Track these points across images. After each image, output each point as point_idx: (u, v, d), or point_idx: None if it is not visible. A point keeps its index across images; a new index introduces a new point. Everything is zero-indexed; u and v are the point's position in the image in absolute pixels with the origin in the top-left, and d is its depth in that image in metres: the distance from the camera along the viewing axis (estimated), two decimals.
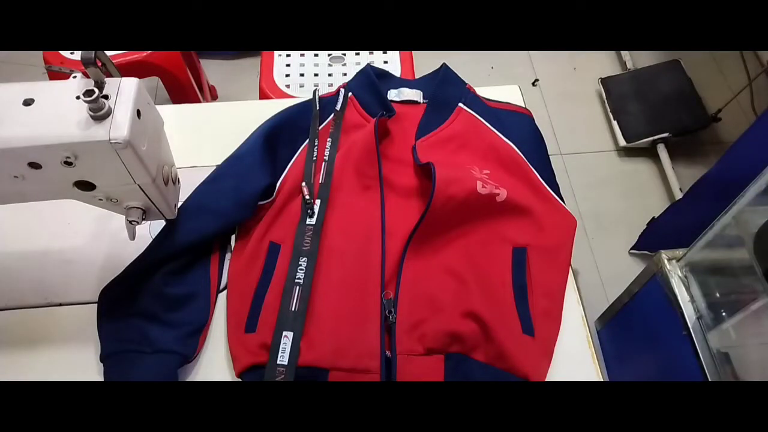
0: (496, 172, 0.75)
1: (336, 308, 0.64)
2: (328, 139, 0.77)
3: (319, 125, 0.79)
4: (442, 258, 0.69)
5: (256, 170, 0.72)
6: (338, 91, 0.83)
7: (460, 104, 0.81)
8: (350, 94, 0.82)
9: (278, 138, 0.76)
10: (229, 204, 0.69)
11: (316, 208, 0.70)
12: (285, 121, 0.78)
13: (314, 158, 0.75)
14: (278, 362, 0.60)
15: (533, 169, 0.76)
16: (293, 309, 0.63)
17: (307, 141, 0.77)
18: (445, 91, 0.82)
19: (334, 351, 0.61)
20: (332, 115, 0.80)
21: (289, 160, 0.76)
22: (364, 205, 0.72)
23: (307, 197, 0.71)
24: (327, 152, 0.75)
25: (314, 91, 0.82)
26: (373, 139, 0.74)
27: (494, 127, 0.80)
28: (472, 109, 0.81)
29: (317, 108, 0.80)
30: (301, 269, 0.66)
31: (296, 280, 0.65)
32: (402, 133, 0.79)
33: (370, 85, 0.82)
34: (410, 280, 0.67)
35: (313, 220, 0.69)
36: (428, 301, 0.65)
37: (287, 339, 0.61)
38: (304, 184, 0.72)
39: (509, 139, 0.78)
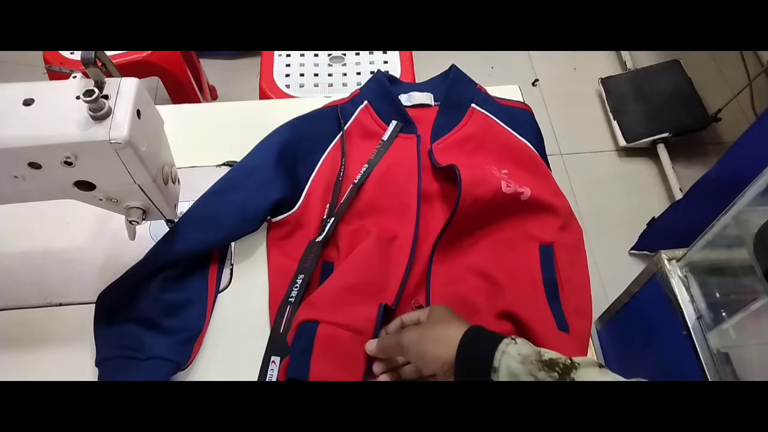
0: (514, 171, 0.75)
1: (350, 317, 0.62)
2: (365, 166, 0.75)
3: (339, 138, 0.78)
4: (471, 259, 0.69)
5: (267, 187, 0.70)
6: (351, 98, 0.82)
7: (473, 105, 0.81)
8: (365, 102, 0.81)
9: (295, 153, 0.75)
10: (235, 219, 0.68)
11: (328, 227, 0.69)
12: (301, 136, 0.77)
13: (341, 178, 0.74)
14: None
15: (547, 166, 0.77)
16: (281, 331, 0.63)
17: (326, 154, 0.76)
18: (457, 92, 0.82)
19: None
20: (379, 145, 0.78)
21: (310, 175, 0.75)
22: (395, 220, 0.72)
23: (325, 217, 0.71)
24: (358, 176, 0.74)
25: (337, 111, 0.80)
26: (416, 160, 0.74)
27: (508, 126, 0.80)
28: (485, 109, 0.81)
29: (343, 127, 0.78)
30: (296, 287, 0.65)
31: (289, 299, 0.65)
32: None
33: (385, 94, 0.81)
34: (440, 283, 0.66)
35: (320, 238, 0.69)
36: (462, 304, 0.65)
37: (275, 365, 0.61)
38: (328, 206, 0.72)
39: (523, 137, 0.79)
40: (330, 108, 0.81)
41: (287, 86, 1.15)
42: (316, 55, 1.21)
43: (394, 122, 0.79)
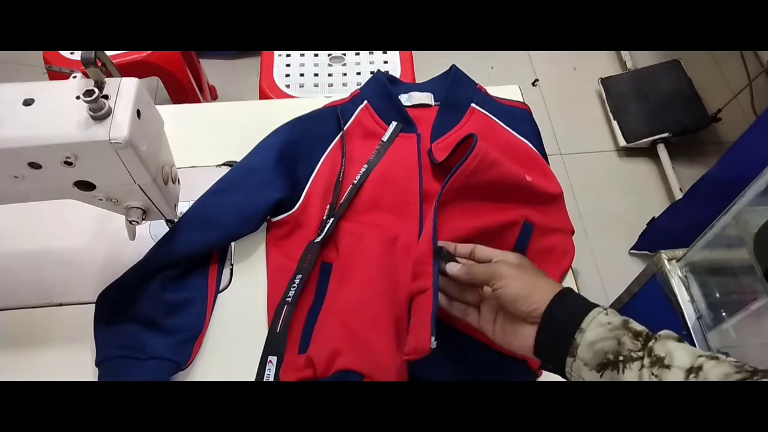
0: None
1: (371, 321, 0.62)
2: (365, 166, 0.75)
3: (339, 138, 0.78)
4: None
5: (266, 186, 0.70)
6: (351, 98, 0.81)
7: (473, 104, 0.81)
8: (365, 102, 0.81)
9: (295, 153, 0.75)
10: (236, 219, 0.68)
11: (327, 227, 0.69)
12: (301, 136, 0.76)
13: (341, 179, 0.73)
14: None
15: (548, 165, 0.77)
16: (279, 331, 0.63)
17: (327, 154, 0.76)
18: (457, 92, 0.82)
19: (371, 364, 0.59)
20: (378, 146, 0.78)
21: (309, 175, 0.75)
22: (397, 219, 0.71)
23: (324, 217, 0.71)
24: (358, 176, 0.74)
25: (338, 113, 0.79)
26: (416, 159, 0.74)
27: (508, 126, 0.80)
28: (485, 109, 0.81)
29: (343, 127, 0.78)
30: (293, 287, 0.65)
31: (287, 299, 0.65)
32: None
33: (385, 94, 0.81)
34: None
35: (319, 238, 0.69)
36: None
37: (272, 365, 0.61)
38: (329, 206, 0.71)
39: (523, 136, 0.79)
40: (330, 108, 0.80)
41: (287, 86, 1.15)
42: (316, 55, 1.21)
43: (394, 123, 0.79)
